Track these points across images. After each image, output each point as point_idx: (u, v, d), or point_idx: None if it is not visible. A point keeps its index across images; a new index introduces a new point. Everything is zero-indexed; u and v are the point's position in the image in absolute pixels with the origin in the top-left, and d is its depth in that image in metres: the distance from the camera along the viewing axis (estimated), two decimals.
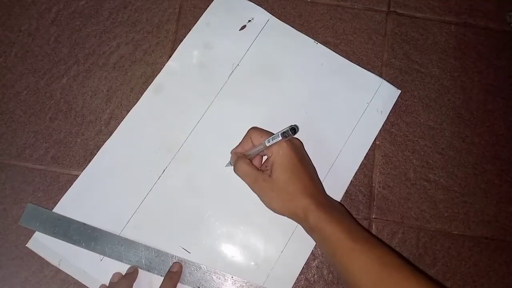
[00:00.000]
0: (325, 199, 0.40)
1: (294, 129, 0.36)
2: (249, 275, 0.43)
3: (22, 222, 0.43)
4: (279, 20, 0.50)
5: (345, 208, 0.44)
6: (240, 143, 0.43)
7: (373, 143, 0.47)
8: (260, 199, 0.40)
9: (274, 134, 0.39)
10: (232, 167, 0.42)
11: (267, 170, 0.40)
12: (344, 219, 0.37)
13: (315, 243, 0.43)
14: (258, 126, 0.43)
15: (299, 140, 0.43)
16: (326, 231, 0.36)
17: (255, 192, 0.40)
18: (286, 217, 0.39)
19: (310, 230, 0.38)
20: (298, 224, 0.40)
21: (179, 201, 0.45)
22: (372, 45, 0.50)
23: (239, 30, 0.50)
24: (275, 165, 0.39)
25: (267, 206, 0.39)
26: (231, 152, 0.44)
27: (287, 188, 0.38)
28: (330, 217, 0.36)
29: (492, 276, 0.44)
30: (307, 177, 0.39)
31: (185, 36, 0.49)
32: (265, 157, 0.43)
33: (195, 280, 0.42)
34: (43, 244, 0.43)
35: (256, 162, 0.43)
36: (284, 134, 0.37)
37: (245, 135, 0.42)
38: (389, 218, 0.45)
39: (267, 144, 0.38)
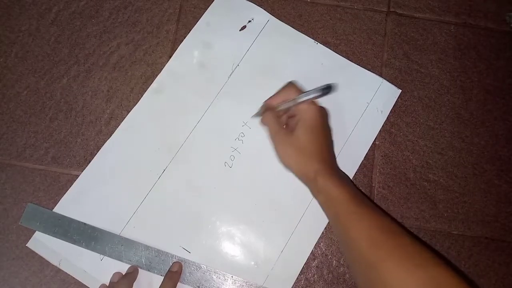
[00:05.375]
0: (336, 167, 0.42)
1: (330, 86, 0.35)
2: (249, 274, 0.43)
3: (22, 222, 0.43)
4: (279, 21, 0.50)
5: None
6: (274, 95, 0.43)
7: (372, 143, 0.47)
8: (275, 152, 0.41)
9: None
10: (259, 118, 0.43)
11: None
12: (350, 186, 0.38)
13: (315, 243, 0.44)
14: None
15: (326, 110, 0.43)
16: (333, 193, 0.37)
17: (273, 144, 0.41)
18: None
19: (317, 191, 0.39)
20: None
21: (179, 201, 0.45)
22: (372, 45, 0.50)
23: (239, 30, 0.50)
24: (299, 123, 0.40)
25: (280, 160, 0.41)
26: (263, 103, 0.44)
27: (305, 148, 0.39)
28: (338, 182, 0.38)
29: (492, 276, 0.44)
30: (325, 143, 0.40)
31: (185, 36, 0.49)
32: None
33: (195, 279, 0.42)
34: (43, 243, 0.43)
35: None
36: (317, 89, 0.36)
37: (281, 88, 0.43)
38: None
39: (298, 100, 0.38)
